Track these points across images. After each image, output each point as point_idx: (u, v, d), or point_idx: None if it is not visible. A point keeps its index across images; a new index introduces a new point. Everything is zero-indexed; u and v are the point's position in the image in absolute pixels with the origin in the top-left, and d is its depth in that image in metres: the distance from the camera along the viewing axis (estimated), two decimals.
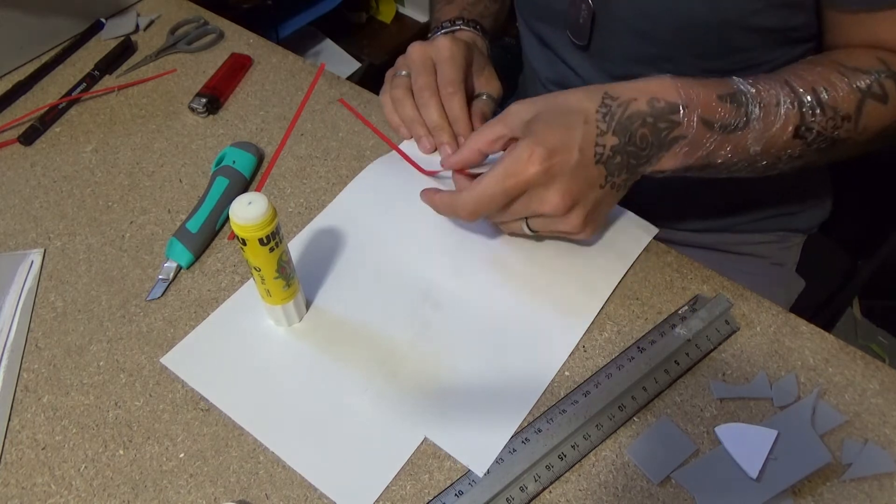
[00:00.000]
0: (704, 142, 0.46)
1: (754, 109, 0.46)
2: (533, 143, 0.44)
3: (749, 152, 0.47)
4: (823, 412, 0.45)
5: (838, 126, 0.47)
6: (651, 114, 0.45)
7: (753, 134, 0.46)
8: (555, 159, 0.44)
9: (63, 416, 0.46)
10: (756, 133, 0.46)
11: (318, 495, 0.42)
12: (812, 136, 0.47)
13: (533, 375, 0.47)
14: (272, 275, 0.44)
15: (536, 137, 0.44)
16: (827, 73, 0.48)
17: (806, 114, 0.46)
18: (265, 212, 0.40)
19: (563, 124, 0.45)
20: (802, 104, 0.46)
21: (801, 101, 0.46)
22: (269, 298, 0.46)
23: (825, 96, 0.47)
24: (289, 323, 0.49)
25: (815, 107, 0.47)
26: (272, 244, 0.42)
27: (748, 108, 0.46)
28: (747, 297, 0.51)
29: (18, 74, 0.69)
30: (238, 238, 0.41)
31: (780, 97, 0.46)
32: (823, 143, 0.48)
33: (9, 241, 0.55)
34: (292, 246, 0.54)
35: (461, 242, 0.54)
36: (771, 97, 0.46)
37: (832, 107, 0.47)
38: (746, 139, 0.46)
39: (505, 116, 0.48)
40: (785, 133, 0.46)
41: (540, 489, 0.42)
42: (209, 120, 0.65)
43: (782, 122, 0.46)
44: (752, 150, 0.47)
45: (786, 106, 0.46)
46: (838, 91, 0.47)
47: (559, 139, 0.44)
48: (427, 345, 0.48)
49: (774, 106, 0.46)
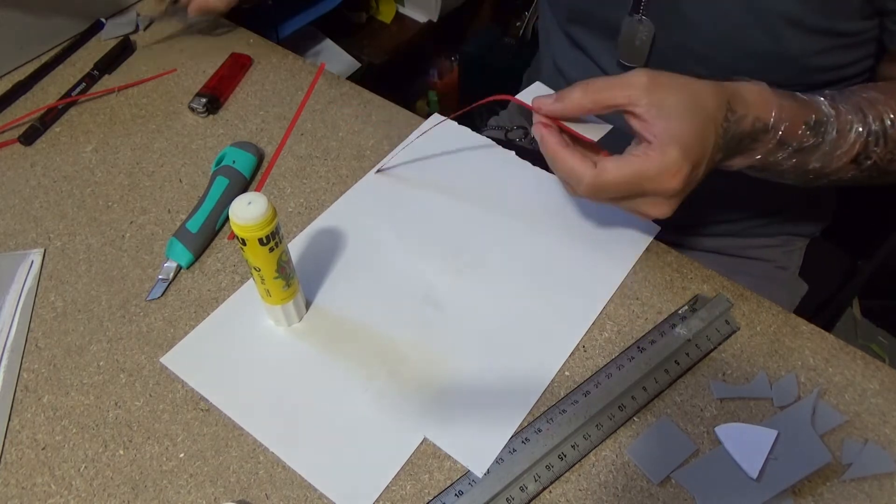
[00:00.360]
0: (777, 155, 0.46)
1: (831, 133, 0.46)
2: (682, 159, 0.41)
3: (807, 167, 0.48)
4: (823, 412, 0.45)
5: (894, 159, 0.48)
6: (749, 134, 0.45)
7: (819, 153, 0.47)
8: (691, 178, 0.43)
9: (63, 416, 0.46)
10: (821, 153, 0.47)
11: (318, 495, 0.42)
12: (868, 164, 0.48)
13: (533, 375, 0.47)
14: (272, 275, 0.44)
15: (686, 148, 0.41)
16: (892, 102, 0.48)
17: (869, 143, 0.47)
18: (265, 212, 0.40)
19: (701, 132, 0.42)
20: (870, 133, 0.47)
21: (869, 130, 0.47)
22: (269, 298, 0.46)
23: (892, 130, 0.47)
24: (289, 323, 0.49)
25: (880, 137, 0.47)
26: (272, 244, 0.42)
27: (826, 134, 0.46)
28: (747, 297, 0.51)
29: (18, 74, 0.69)
30: (238, 238, 0.41)
31: (853, 124, 0.47)
32: (875, 171, 0.49)
33: (9, 241, 0.55)
34: (292, 246, 0.54)
35: (462, 243, 0.54)
36: (846, 123, 0.47)
37: (894, 139, 0.47)
38: (811, 159, 0.47)
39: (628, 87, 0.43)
40: (846, 157, 0.47)
41: (540, 489, 0.42)
42: (209, 120, 0.65)
43: (847, 148, 0.47)
44: (811, 166, 0.48)
45: (855, 133, 0.47)
46: None
47: (699, 155, 0.42)
48: (427, 345, 0.48)
49: (847, 131, 0.47)
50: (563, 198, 0.57)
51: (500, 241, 0.54)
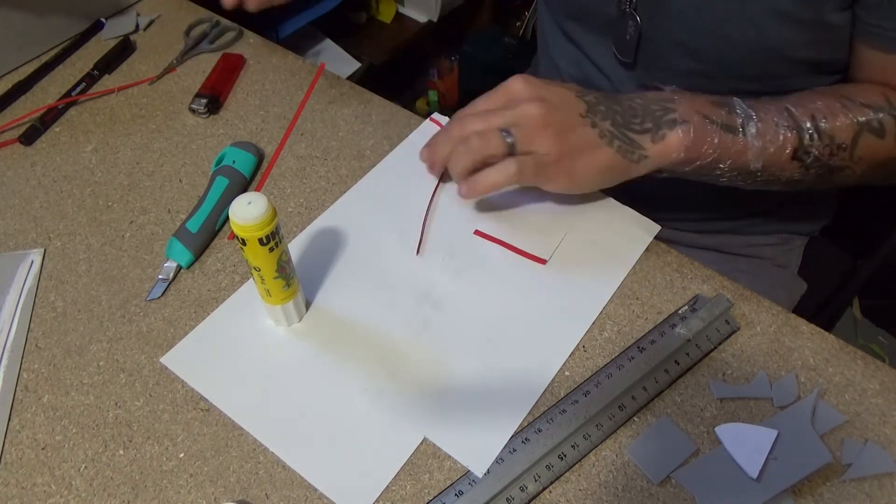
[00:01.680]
0: (708, 135, 0.48)
1: (750, 125, 0.49)
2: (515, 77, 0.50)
3: (749, 168, 0.50)
4: (823, 412, 0.45)
5: (834, 153, 0.50)
6: (639, 97, 0.50)
7: (753, 151, 0.49)
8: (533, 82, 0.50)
9: (63, 416, 0.46)
10: (755, 150, 0.49)
11: (318, 495, 0.42)
12: (810, 159, 0.50)
13: (533, 375, 0.47)
14: (272, 275, 0.44)
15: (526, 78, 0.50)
16: (830, 104, 0.50)
17: (804, 138, 0.50)
18: (265, 212, 0.40)
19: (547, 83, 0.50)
20: (801, 129, 0.49)
21: (800, 126, 0.50)
22: (269, 298, 0.46)
23: (824, 125, 0.50)
24: (288, 323, 0.49)
25: (813, 133, 0.50)
26: (272, 244, 0.42)
27: (744, 121, 0.49)
28: (747, 297, 0.51)
29: (18, 74, 0.69)
30: (238, 238, 0.41)
31: (777, 120, 0.50)
32: (821, 168, 0.51)
33: (9, 241, 0.55)
34: (292, 246, 0.54)
35: (462, 243, 0.54)
36: (769, 118, 0.50)
37: (829, 135, 0.50)
38: (747, 154, 0.49)
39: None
40: (783, 154, 0.50)
41: (540, 489, 0.42)
42: (209, 120, 0.65)
43: (780, 143, 0.49)
44: (752, 166, 0.50)
45: (783, 128, 0.49)
46: (837, 121, 0.50)
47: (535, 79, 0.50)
48: (427, 345, 0.48)
49: (773, 127, 0.49)
50: (562, 197, 0.57)
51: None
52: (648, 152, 0.49)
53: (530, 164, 0.49)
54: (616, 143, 0.49)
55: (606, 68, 0.64)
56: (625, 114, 0.49)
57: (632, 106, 0.49)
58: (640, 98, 0.50)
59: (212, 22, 0.75)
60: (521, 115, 0.48)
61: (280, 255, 0.43)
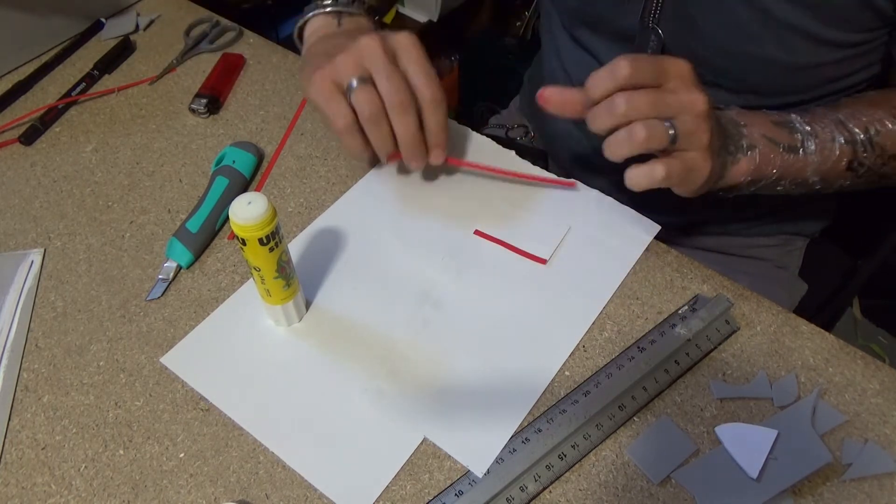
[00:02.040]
0: (773, 158, 0.49)
1: (809, 142, 0.50)
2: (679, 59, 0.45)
3: (808, 181, 0.52)
4: (823, 412, 0.45)
5: (885, 163, 0.52)
6: (724, 114, 0.49)
7: (812, 167, 0.51)
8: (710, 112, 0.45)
9: (63, 416, 0.46)
10: (814, 166, 0.51)
11: (318, 495, 0.42)
12: (863, 170, 0.52)
13: (533, 375, 0.47)
14: (272, 275, 0.44)
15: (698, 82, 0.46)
16: (881, 116, 0.52)
17: (858, 150, 0.51)
18: (265, 212, 0.40)
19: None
20: (855, 142, 0.51)
21: (855, 139, 0.51)
22: (269, 298, 0.46)
23: (876, 137, 0.51)
24: (288, 323, 0.49)
25: (867, 144, 0.51)
26: (272, 244, 0.42)
27: (803, 139, 0.50)
28: (747, 297, 0.51)
29: (18, 74, 0.69)
30: (238, 238, 0.41)
31: (834, 134, 0.51)
32: (872, 176, 0.53)
33: (9, 241, 0.55)
34: (292, 246, 0.54)
35: (462, 243, 0.54)
36: (826, 134, 0.51)
37: (881, 146, 0.51)
38: (806, 171, 0.51)
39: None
40: (839, 166, 0.51)
41: (540, 489, 0.42)
42: (209, 119, 0.65)
43: (837, 157, 0.51)
44: (811, 180, 0.52)
45: (840, 142, 0.51)
46: (888, 132, 0.51)
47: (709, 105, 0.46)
48: (427, 345, 0.48)
49: (830, 142, 0.51)
50: (562, 197, 0.57)
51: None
52: (726, 173, 0.49)
53: (677, 169, 0.46)
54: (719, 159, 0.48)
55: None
56: (722, 134, 0.48)
57: (723, 125, 0.48)
58: (724, 118, 0.49)
59: (212, 22, 0.75)
60: (690, 105, 0.44)
61: (280, 256, 0.43)
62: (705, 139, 0.45)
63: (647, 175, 0.47)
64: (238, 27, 0.74)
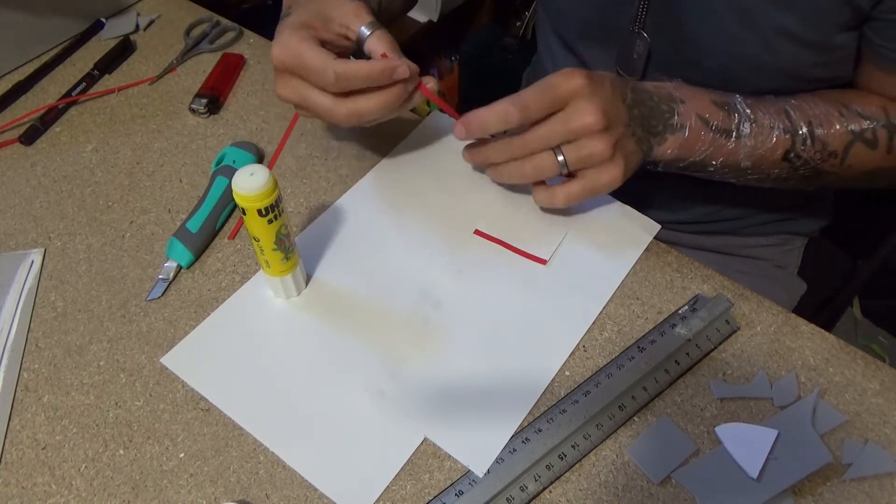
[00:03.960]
0: (701, 137, 0.50)
1: (745, 126, 0.51)
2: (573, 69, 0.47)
3: (740, 166, 0.52)
4: (824, 412, 0.45)
5: (825, 160, 0.53)
6: (657, 93, 0.51)
7: (745, 150, 0.51)
8: (594, 80, 0.47)
9: (63, 416, 0.46)
10: (747, 149, 0.51)
11: (318, 495, 0.42)
12: (799, 162, 0.52)
13: (533, 375, 0.47)
14: (270, 246, 0.45)
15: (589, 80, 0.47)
16: (827, 111, 0.52)
17: (797, 141, 0.51)
18: (264, 184, 0.41)
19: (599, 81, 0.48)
20: (795, 133, 0.51)
21: (795, 129, 0.51)
22: (268, 269, 0.48)
23: (819, 131, 0.52)
24: (287, 296, 0.50)
25: (807, 137, 0.52)
26: (270, 216, 0.43)
27: (740, 123, 0.51)
28: (747, 297, 0.51)
29: (18, 74, 0.69)
30: (239, 207, 0.42)
31: (773, 122, 0.51)
32: (809, 171, 0.53)
33: (9, 241, 0.55)
34: None
35: (462, 243, 0.54)
36: (765, 120, 0.51)
37: (822, 141, 0.52)
38: (738, 153, 0.51)
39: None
40: (774, 154, 0.52)
41: (540, 489, 0.42)
42: (209, 119, 0.65)
43: (772, 145, 0.51)
44: (742, 164, 0.52)
45: (778, 131, 0.51)
46: (832, 129, 0.52)
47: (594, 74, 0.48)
48: (427, 345, 0.48)
49: (768, 128, 0.51)
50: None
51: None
52: (653, 151, 0.51)
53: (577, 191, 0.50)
54: (643, 146, 0.50)
55: None
56: (648, 117, 0.50)
57: (651, 107, 0.50)
58: (656, 96, 0.51)
59: (212, 22, 0.75)
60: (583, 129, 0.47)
61: (279, 229, 0.44)
62: (605, 153, 0.47)
63: (547, 200, 0.51)
64: (238, 27, 0.74)
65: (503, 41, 1.45)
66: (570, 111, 0.47)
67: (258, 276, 0.52)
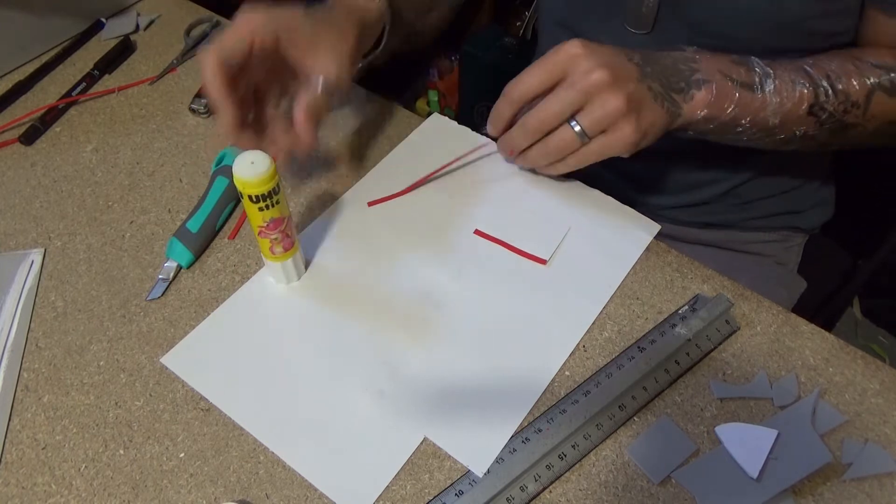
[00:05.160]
0: (728, 93, 0.50)
1: (767, 82, 0.51)
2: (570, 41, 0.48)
3: (768, 124, 0.52)
4: (824, 412, 0.45)
5: (848, 111, 0.52)
6: (668, 56, 0.51)
7: (771, 107, 0.51)
8: (592, 47, 0.48)
9: (63, 416, 0.46)
10: (773, 106, 0.51)
11: (318, 495, 0.42)
12: (825, 115, 0.52)
13: (533, 375, 0.47)
14: (256, 231, 0.47)
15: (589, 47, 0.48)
16: (843, 64, 0.53)
17: (819, 94, 0.51)
18: (259, 174, 0.42)
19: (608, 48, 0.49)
20: (817, 86, 0.51)
21: (816, 83, 0.51)
22: (262, 251, 0.49)
23: (839, 83, 0.52)
24: (287, 280, 0.51)
25: (829, 90, 0.52)
26: (261, 205, 0.44)
27: (762, 78, 0.51)
28: (748, 297, 0.51)
29: (18, 74, 0.69)
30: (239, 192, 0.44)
31: (795, 77, 0.51)
32: (835, 124, 0.53)
33: (9, 241, 0.55)
34: None
35: (462, 243, 0.54)
36: (786, 76, 0.51)
37: (844, 92, 0.52)
38: (766, 109, 0.51)
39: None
40: (800, 109, 0.51)
41: (540, 489, 0.42)
42: (209, 119, 0.65)
43: (797, 99, 0.51)
44: (770, 121, 0.52)
45: (800, 85, 0.51)
46: (851, 80, 0.52)
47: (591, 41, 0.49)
48: (427, 345, 0.48)
49: (790, 83, 0.51)
50: (563, 197, 0.57)
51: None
52: (682, 111, 0.50)
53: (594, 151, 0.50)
54: (665, 104, 0.50)
55: None
56: (666, 74, 0.50)
57: (666, 65, 0.50)
58: (670, 58, 0.51)
59: (212, 22, 0.75)
60: (590, 87, 0.47)
61: (270, 217, 0.45)
62: (619, 108, 0.47)
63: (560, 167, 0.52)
64: None
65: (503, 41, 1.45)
66: (574, 75, 0.47)
67: (258, 275, 0.52)
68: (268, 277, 0.52)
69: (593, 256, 0.53)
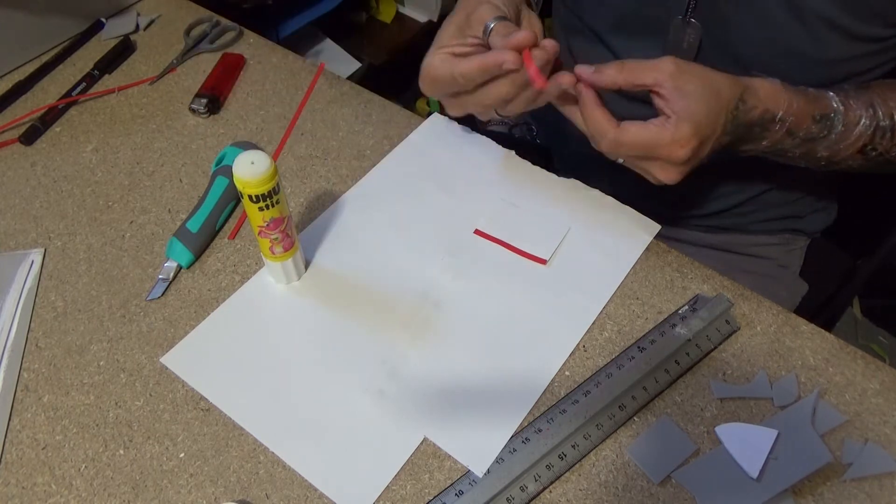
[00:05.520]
0: (785, 143, 0.51)
1: (837, 126, 0.50)
2: (692, 135, 0.46)
3: (816, 156, 0.52)
4: (824, 412, 0.45)
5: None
6: (758, 123, 0.49)
7: (826, 143, 0.51)
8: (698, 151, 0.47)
9: (63, 416, 0.46)
10: (828, 143, 0.51)
11: (318, 495, 0.42)
12: (874, 154, 0.52)
13: (533, 375, 0.47)
14: (255, 230, 0.47)
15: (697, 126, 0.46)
16: None
17: (876, 136, 0.51)
18: (257, 174, 0.42)
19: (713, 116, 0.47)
20: (877, 126, 0.51)
21: (878, 123, 0.51)
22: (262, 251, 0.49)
23: None
24: (287, 280, 0.51)
25: (886, 131, 0.51)
26: (261, 204, 0.44)
27: (832, 128, 0.50)
28: (748, 297, 0.51)
29: (18, 74, 0.69)
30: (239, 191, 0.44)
31: (861, 118, 0.50)
32: (880, 159, 0.53)
33: (9, 241, 0.55)
34: None
35: (462, 243, 0.54)
36: (854, 118, 0.50)
37: None
38: (819, 148, 0.51)
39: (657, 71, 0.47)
40: (853, 148, 0.51)
41: (540, 489, 0.42)
42: (209, 119, 0.65)
43: (853, 140, 0.51)
44: (819, 154, 0.52)
45: (862, 126, 0.51)
46: None
47: (707, 134, 0.47)
48: (427, 345, 0.48)
49: (854, 125, 0.50)
50: (562, 197, 0.57)
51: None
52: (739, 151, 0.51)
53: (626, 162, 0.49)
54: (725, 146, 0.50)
55: None
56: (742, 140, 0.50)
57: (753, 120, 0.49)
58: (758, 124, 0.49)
59: (212, 22, 0.75)
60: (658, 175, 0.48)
61: (270, 217, 0.45)
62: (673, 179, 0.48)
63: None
64: (238, 27, 0.74)
65: None
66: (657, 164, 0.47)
67: (258, 275, 0.52)
68: (268, 277, 0.52)
69: (593, 256, 0.53)
